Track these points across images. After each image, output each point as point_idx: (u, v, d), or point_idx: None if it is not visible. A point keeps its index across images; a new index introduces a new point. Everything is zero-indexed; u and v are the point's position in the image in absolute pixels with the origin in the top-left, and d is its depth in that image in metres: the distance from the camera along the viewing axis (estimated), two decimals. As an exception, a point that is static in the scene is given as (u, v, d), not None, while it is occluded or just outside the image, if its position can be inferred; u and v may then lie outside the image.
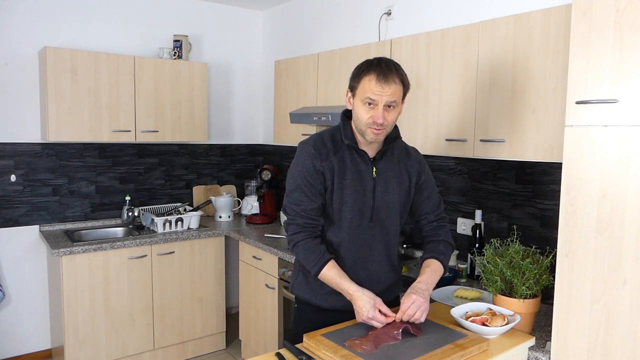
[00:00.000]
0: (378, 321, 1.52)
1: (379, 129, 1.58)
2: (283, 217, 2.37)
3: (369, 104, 1.56)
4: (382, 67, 1.56)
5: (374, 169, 1.69)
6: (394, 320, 1.55)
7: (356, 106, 1.61)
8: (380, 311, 1.53)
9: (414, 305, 1.52)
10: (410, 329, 1.51)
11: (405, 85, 1.61)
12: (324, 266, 1.61)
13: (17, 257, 3.32)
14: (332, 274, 1.61)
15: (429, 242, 1.80)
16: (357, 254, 1.70)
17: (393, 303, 1.76)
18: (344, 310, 1.67)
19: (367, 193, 1.67)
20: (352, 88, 1.63)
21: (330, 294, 1.69)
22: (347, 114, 1.72)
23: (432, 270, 1.68)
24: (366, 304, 1.53)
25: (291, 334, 1.80)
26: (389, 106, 1.57)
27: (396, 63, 1.61)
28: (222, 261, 3.58)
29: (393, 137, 1.71)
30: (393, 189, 1.72)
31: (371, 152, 1.69)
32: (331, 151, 1.65)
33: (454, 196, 2.71)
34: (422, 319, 1.54)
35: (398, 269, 1.83)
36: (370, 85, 1.55)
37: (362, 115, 1.58)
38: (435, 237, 1.79)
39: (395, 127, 1.70)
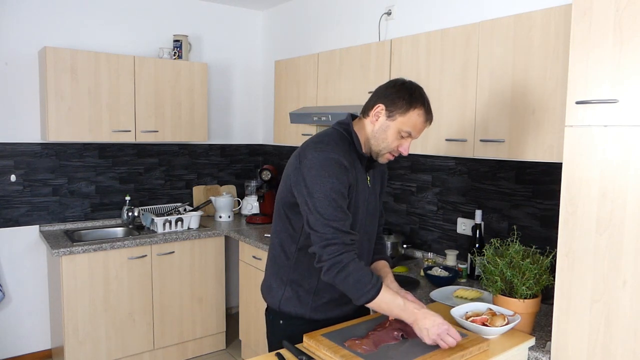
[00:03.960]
0: (450, 339, 1.42)
1: (395, 156, 1.61)
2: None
3: (404, 136, 1.55)
4: (429, 106, 1.56)
5: (368, 178, 1.67)
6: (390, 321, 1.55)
7: (389, 130, 1.54)
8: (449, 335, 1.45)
9: None
10: (409, 335, 1.51)
11: None
12: (380, 290, 1.45)
13: (17, 257, 3.32)
14: (390, 295, 1.47)
15: (376, 243, 1.82)
16: None
17: (364, 309, 1.79)
18: (339, 317, 1.65)
19: (365, 202, 1.64)
20: (393, 110, 1.53)
21: (326, 304, 1.64)
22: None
23: (390, 270, 1.77)
24: (437, 317, 1.45)
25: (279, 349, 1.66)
26: None
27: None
28: (222, 261, 3.58)
29: None
30: (376, 196, 1.72)
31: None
32: (349, 162, 1.54)
33: (454, 196, 2.71)
34: None
35: None
36: (418, 121, 1.53)
37: (392, 142, 1.56)
38: (380, 240, 1.86)
39: None
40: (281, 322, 1.69)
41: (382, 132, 1.55)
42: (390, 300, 1.46)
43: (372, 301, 1.45)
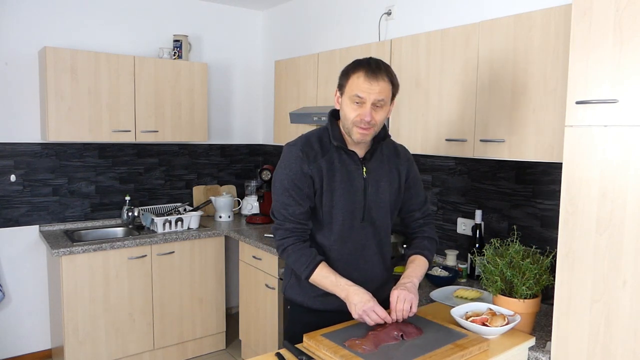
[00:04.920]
0: (374, 316, 1.51)
1: (366, 128, 1.58)
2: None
3: (357, 102, 1.56)
4: (371, 65, 1.56)
5: (364, 169, 1.68)
6: (395, 321, 1.55)
7: (344, 104, 1.60)
8: (374, 312, 1.53)
9: (400, 299, 1.55)
10: (409, 335, 1.51)
11: (395, 85, 1.61)
12: (315, 268, 1.60)
13: (17, 257, 3.32)
14: (325, 273, 1.60)
15: (414, 238, 1.83)
16: (349, 256, 1.70)
17: (386, 301, 1.77)
18: (337, 311, 1.66)
19: (358, 194, 1.67)
20: (341, 87, 1.62)
21: (324, 295, 1.68)
22: (335, 115, 1.71)
23: (416, 265, 1.72)
24: (364, 295, 1.53)
25: (285, 337, 1.78)
26: (377, 105, 1.56)
27: (386, 63, 1.61)
28: (222, 261, 3.58)
29: (382, 136, 1.71)
30: (384, 189, 1.72)
31: (360, 152, 1.69)
32: (319, 153, 1.63)
33: (454, 196, 2.71)
34: (414, 309, 1.56)
35: (390, 268, 1.84)
36: (358, 82, 1.55)
37: (350, 114, 1.57)
38: (421, 234, 1.83)
39: (384, 126, 1.70)
40: (288, 307, 1.81)
41: (343, 110, 1.62)
42: (324, 277, 1.60)
43: (309, 278, 1.62)
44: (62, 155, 3.45)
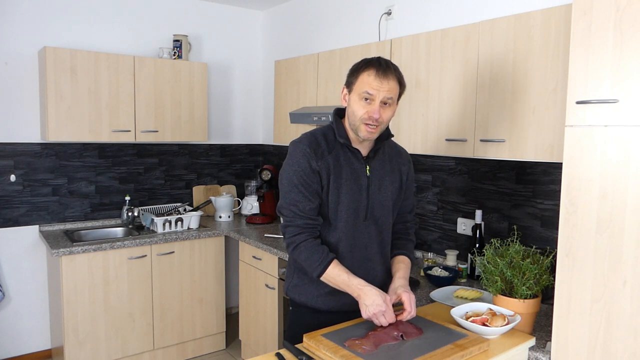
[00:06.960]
0: (388, 316, 1.52)
1: (374, 126, 1.59)
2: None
3: (366, 99, 1.57)
4: (382, 64, 1.58)
5: (368, 168, 1.69)
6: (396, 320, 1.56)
7: (352, 102, 1.61)
8: (384, 317, 1.53)
9: (412, 301, 1.58)
10: (409, 335, 1.51)
11: (402, 85, 1.63)
12: (328, 265, 1.59)
13: (17, 257, 3.32)
14: (337, 271, 1.59)
15: (400, 238, 1.85)
16: (353, 254, 1.70)
17: None
18: (341, 312, 1.67)
19: (362, 192, 1.68)
20: (349, 84, 1.63)
21: (327, 295, 1.68)
22: (339, 113, 1.73)
23: (406, 266, 1.77)
24: (378, 298, 1.53)
25: (287, 337, 1.78)
26: (385, 103, 1.58)
27: (394, 63, 1.63)
28: (222, 261, 3.58)
29: (385, 136, 1.72)
30: (386, 187, 1.73)
31: (364, 150, 1.70)
32: (325, 150, 1.65)
33: (454, 196, 2.71)
34: (414, 312, 1.60)
35: (390, 267, 1.84)
36: (369, 79, 1.57)
37: (358, 111, 1.59)
38: (406, 236, 1.87)
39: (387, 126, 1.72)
40: (291, 308, 1.80)
41: (350, 107, 1.63)
42: (336, 276, 1.59)
43: (321, 276, 1.60)
44: (62, 155, 3.45)
